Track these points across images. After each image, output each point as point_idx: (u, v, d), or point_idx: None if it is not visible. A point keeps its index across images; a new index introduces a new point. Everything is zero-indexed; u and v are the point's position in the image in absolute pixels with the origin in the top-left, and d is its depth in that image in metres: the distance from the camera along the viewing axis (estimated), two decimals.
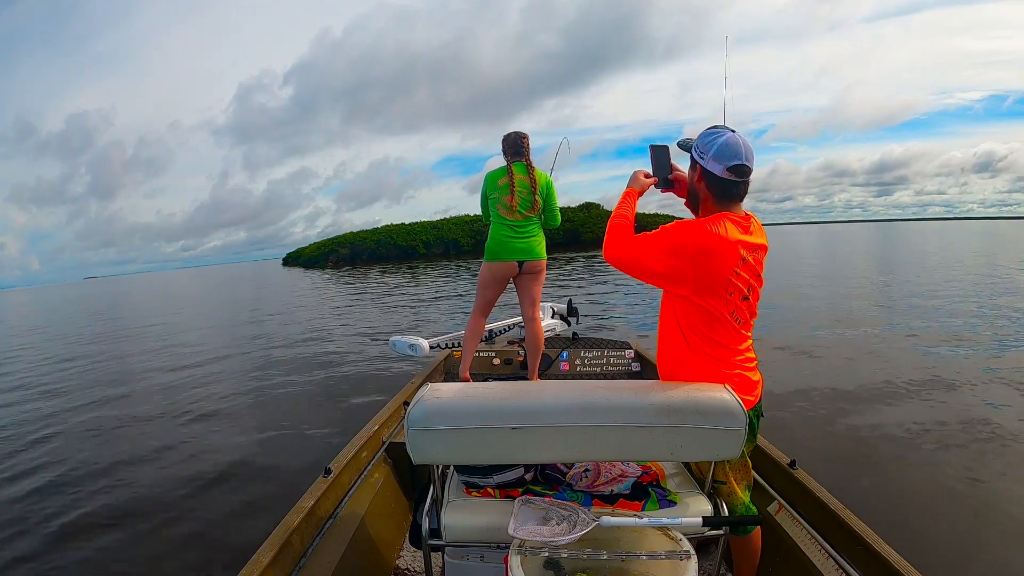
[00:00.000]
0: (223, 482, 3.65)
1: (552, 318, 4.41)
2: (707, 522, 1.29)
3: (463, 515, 1.43)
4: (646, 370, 3.58)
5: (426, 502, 1.44)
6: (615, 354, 3.69)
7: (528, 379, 3.25)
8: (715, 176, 1.36)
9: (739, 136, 1.35)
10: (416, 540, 1.49)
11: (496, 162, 3.05)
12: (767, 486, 1.96)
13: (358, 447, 2.27)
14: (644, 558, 1.24)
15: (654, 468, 1.59)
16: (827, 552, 1.61)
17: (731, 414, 1.22)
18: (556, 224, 3.12)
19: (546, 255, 3.07)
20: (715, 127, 1.39)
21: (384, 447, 2.45)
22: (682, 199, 1.59)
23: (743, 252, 1.33)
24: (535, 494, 1.45)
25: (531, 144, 2.98)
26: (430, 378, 3.48)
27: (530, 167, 2.94)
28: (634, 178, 1.57)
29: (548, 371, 3.60)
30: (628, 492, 1.48)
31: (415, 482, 1.68)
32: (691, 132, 1.50)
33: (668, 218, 1.55)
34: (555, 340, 3.92)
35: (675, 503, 1.44)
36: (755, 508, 1.52)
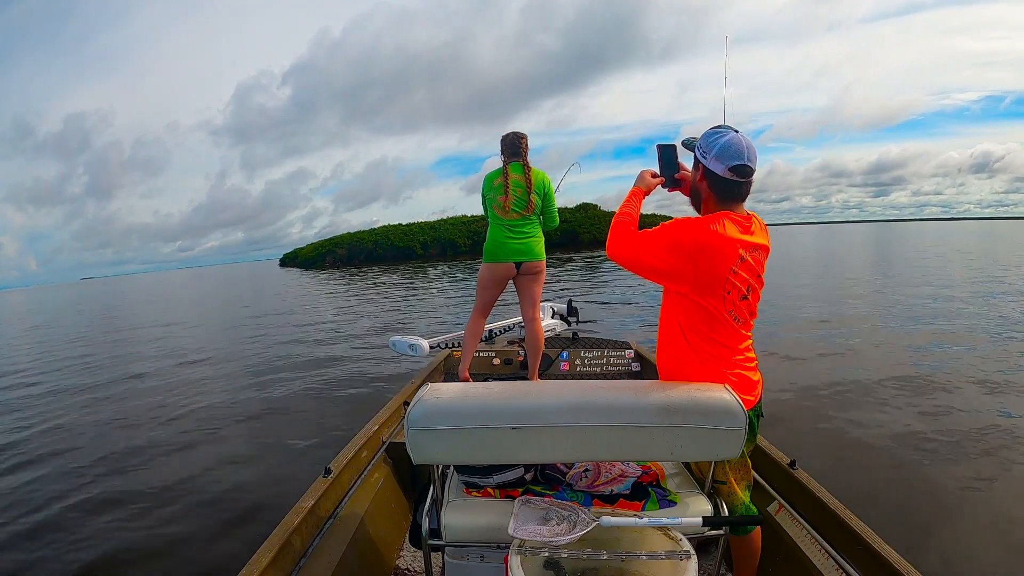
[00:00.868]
0: (223, 482, 3.65)
1: (552, 318, 4.41)
2: (707, 522, 1.29)
3: (463, 515, 1.43)
4: (646, 370, 3.58)
5: (426, 502, 1.44)
6: (615, 354, 3.69)
7: (528, 379, 3.24)
8: (717, 176, 1.36)
9: (742, 136, 1.35)
10: (416, 540, 1.49)
11: (495, 162, 3.05)
12: (767, 486, 1.96)
13: (358, 447, 2.27)
14: (644, 558, 1.24)
15: (654, 468, 1.59)
16: (827, 552, 1.61)
17: (731, 414, 1.22)
18: (555, 225, 3.11)
19: (545, 255, 3.06)
20: (718, 127, 1.40)
21: (384, 447, 2.45)
22: (688, 198, 1.59)
23: (742, 251, 1.34)
24: (535, 494, 1.45)
25: (530, 144, 2.97)
26: (430, 378, 3.48)
27: (526, 167, 2.92)
28: (641, 177, 1.57)
29: (548, 371, 3.60)
30: (628, 492, 1.48)
31: (415, 482, 1.68)
32: (689, 132, 1.50)
33: (666, 217, 1.56)
34: (555, 340, 3.92)
35: (675, 503, 1.44)
36: (755, 508, 1.52)
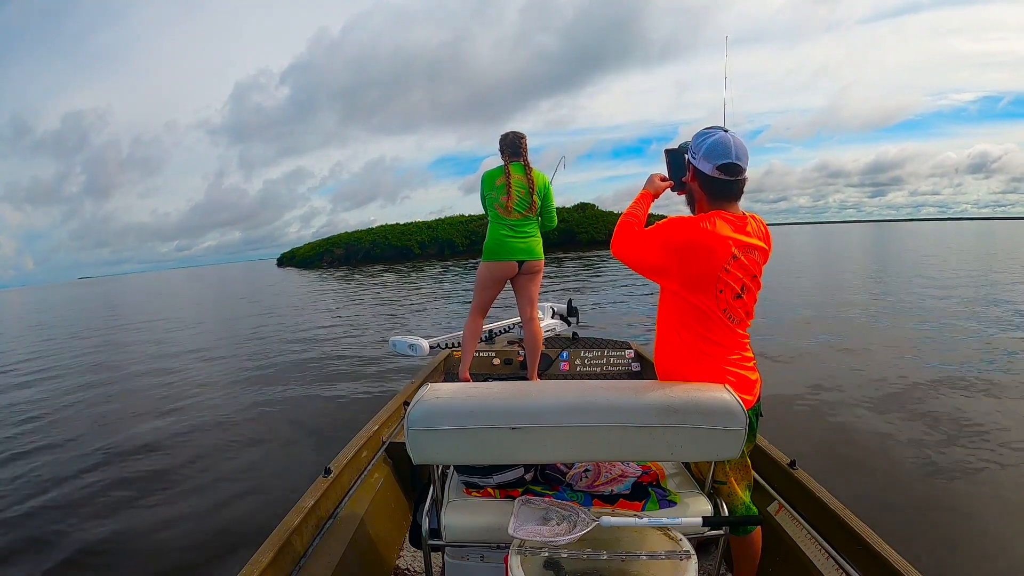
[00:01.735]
0: (223, 482, 3.65)
1: (552, 318, 4.41)
2: (707, 522, 1.29)
3: (463, 515, 1.43)
4: (646, 370, 3.58)
5: (426, 502, 1.44)
6: (615, 354, 3.69)
7: (528, 379, 3.25)
8: (706, 175, 1.38)
9: (731, 135, 1.37)
10: (416, 540, 1.49)
11: (493, 162, 3.04)
12: (767, 486, 1.96)
13: (358, 447, 2.27)
14: (644, 558, 1.24)
15: (654, 468, 1.59)
16: (827, 552, 1.61)
17: (731, 414, 1.22)
18: (553, 226, 3.12)
19: (543, 255, 3.07)
20: (709, 128, 1.41)
21: (384, 447, 2.45)
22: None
23: (734, 250, 1.34)
24: (535, 494, 1.45)
25: (528, 144, 2.98)
26: (430, 378, 3.48)
27: (528, 167, 2.93)
28: (650, 181, 1.59)
29: (548, 371, 3.60)
30: (628, 492, 1.48)
31: (415, 482, 1.68)
32: (687, 132, 1.52)
33: (661, 217, 1.57)
34: (555, 340, 3.92)
35: (675, 503, 1.44)
36: (755, 508, 1.52)
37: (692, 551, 1.20)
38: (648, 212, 1.56)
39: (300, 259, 75.29)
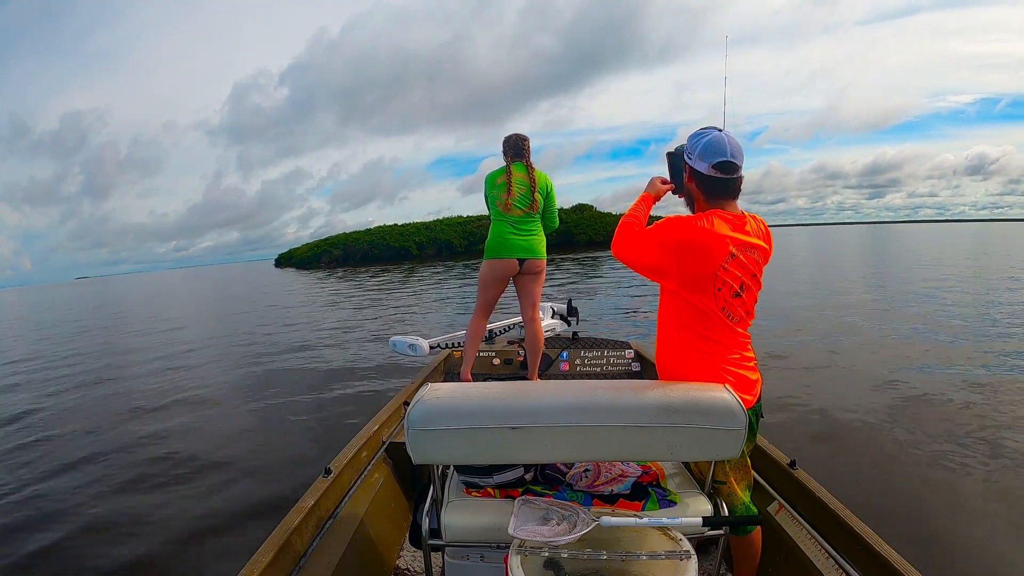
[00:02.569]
0: (222, 482, 3.65)
1: (552, 318, 4.41)
2: (707, 522, 1.29)
3: (463, 515, 1.43)
4: (646, 370, 3.58)
5: (426, 502, 1.44)
6: (615, 354, 3.69)
7: (528, 379, 3.25)
8: (702, 174, 1.39)
9: (726, 134, 1.38)
10: (416, 540, 1.49)
11: (492, 162, 3.07)
12: (767, 486, 1.96)
13: (358, 447, 2.27)
14: (644, 558, 1.24)
15: (654, 468, 1.59)
16: (827, 552, 1.61)
17: (731, 414, 1.22)
18: (555, 227, 3.13)
19: (546, 255, 3.07)
20: (704, 128, 1.42)
21: (384, 447, 2.45)
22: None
23: (732, 248, 1.34)
24: (535, 494, 1.45)
25: (531, 146, 3.01)
26: (430, 378, 3.48)
27: (530, 167, 2.97)
28: (651, 183, 1.60)
29: (548, 371, 3.60)
30: (628, 492, 1.48)
31: (415, 482, 1.68)
32: (686, 133, 1.52)
33: (658, 218, 1.58)
34: (555, 340, 3.92)
35: (675, 503, 1.44)
36: (755, 508, 1.52)
37: (692, 551, 1.20)
38: (649, 214, 1.56)
39: (298, 260, 75.13)
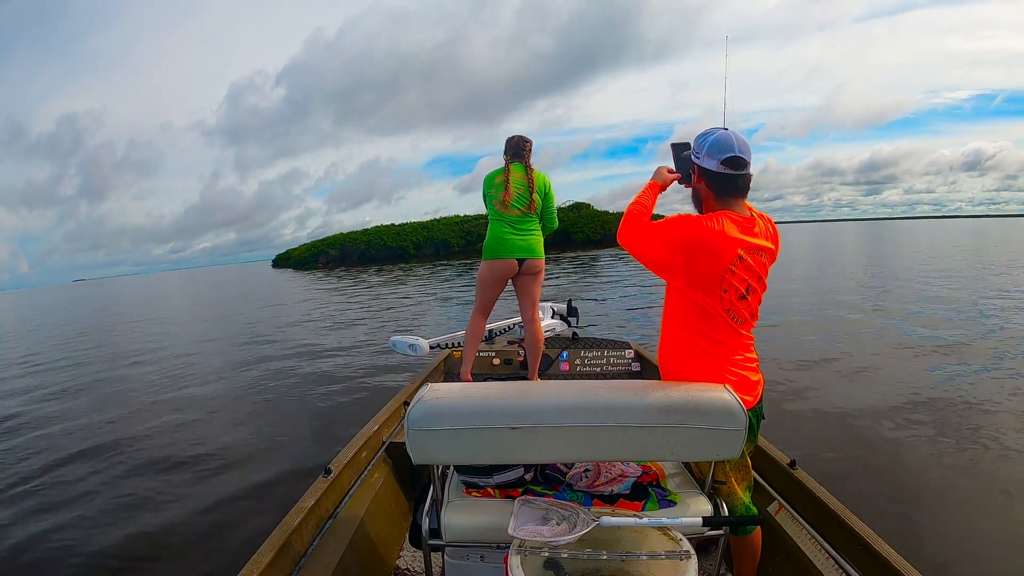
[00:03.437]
0: (222, 483, 3.64)
1: (552, 318, 4.41)
2: (707, 522, 1.29)
3: (463, 515, 1.43)
4: (646, 370, 3.58)
5: (426, 502, 1.44)
6: (615, 354, 3.69)
7: (528, 379, 3.25)
8: (712, 172, 1.39)
9: (731, 132, 1.39)
10: (416, 540, 1.49)
11: (489, 162, 3.08)
12: (767, 486, 1.96)
13: (358, 447, 2.27)
14: (644, 558, 1.24)
15: (654, 468, 1.59)
16: (827, 552, 1.61)
17: (731, 414, 1.22)
18: (554, 227, 3.13)
19: (544, 255, 3.07)
20: (709, 128, 1.43)
21: (384, 447, 2.45)
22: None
23: (741, 251, 1.34)
24: (535, 494, 1.45)
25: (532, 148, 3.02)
26: (430, 378, 3.48)
27: (529, 168, 2.98)
28: (658, 172, 1.60)
29: (548, 371, 3.60)
30: (628, 492, 1.48)
31: (415, 482, 1.68)
32: (682, 131, 1.53)
33: (657, 216, 1.58)
34: (555, 340, 3.92)
35: (675, 503, 1.44)
36: (755, 508, 1.52)
37: (692, 551, 1.20)
38: (655, 202, 1.56)
39: (295, 260, 74.90)
